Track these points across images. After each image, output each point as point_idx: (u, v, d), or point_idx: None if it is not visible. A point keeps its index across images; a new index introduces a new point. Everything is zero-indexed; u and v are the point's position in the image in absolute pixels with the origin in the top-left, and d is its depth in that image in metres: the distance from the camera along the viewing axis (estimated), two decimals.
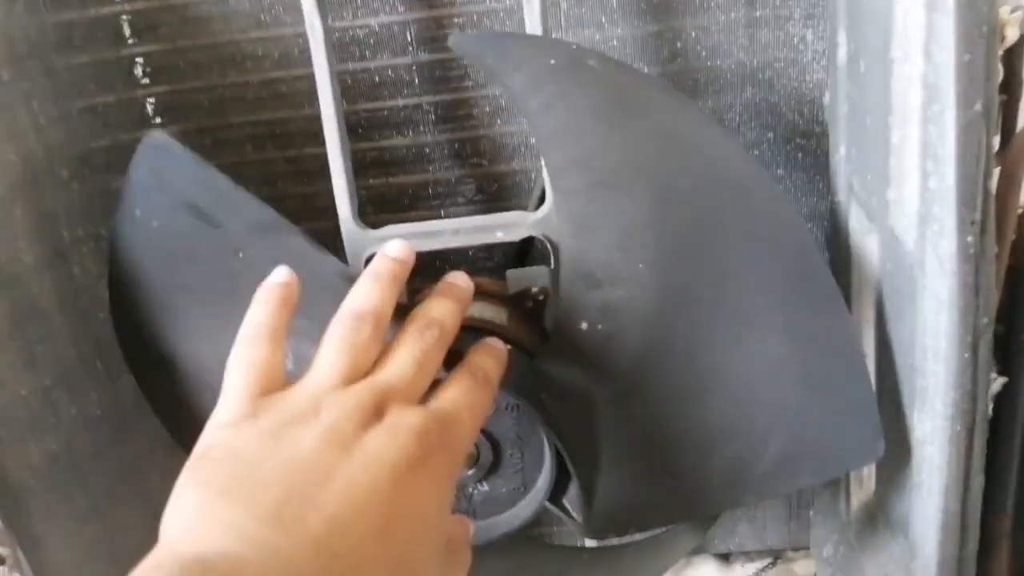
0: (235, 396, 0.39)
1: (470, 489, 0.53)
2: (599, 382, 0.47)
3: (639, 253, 0.45)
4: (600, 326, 0.46)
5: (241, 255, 0.50)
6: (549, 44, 0.51)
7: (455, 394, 0.41)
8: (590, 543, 0.70)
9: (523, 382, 0.48)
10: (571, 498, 0.52)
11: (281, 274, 0.44)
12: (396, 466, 0.36)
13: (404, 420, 0.38)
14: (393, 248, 0.46)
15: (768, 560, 0.83)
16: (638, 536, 0.58)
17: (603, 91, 0.47)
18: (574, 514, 0.51)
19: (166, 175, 0.52)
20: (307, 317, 0.47)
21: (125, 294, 0.55)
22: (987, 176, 0.38)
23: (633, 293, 0.45)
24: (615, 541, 0.68)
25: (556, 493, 0.52)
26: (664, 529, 0.60)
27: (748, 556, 0.84)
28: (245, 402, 0.38)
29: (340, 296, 0.45)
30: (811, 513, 0.72)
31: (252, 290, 0.46)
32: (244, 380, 0.40)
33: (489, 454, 0.52)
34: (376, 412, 0.38)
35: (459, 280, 0.47)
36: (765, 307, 0.45)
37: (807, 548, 0.78)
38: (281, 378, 0.40)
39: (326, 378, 0.39)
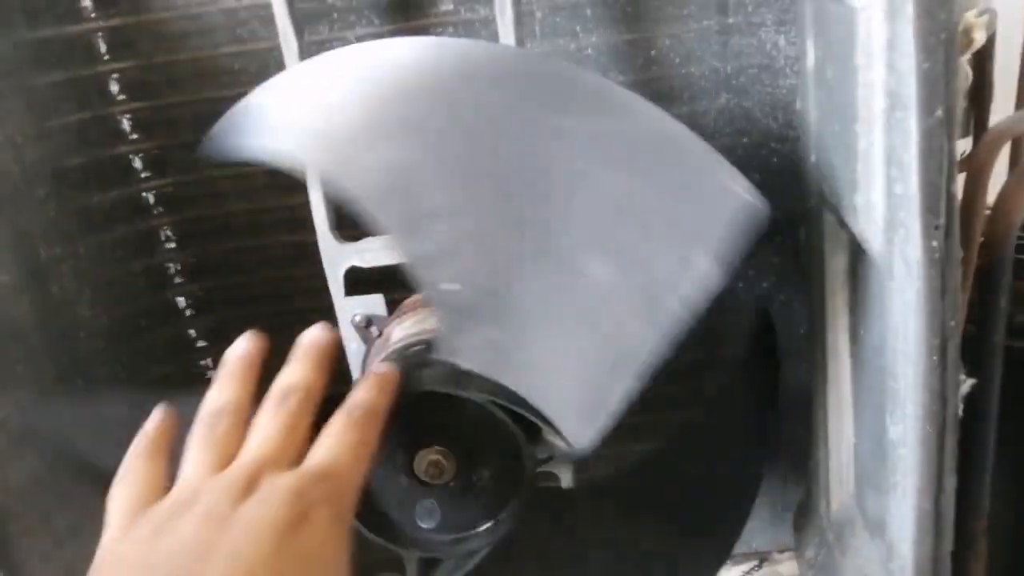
0: (117, 513, 0.40)
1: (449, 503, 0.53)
2: (491, 319, 0.45)
3: (444, 185, 0.44)
4: (457, 279, 0.45)
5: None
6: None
7: (330, 441, 0.41)
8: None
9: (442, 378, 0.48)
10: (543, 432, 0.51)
11: (155, 416, 0.45)
12: (275, 529, 0.36)
13: (276, 484, 0.38)
14: (236, 347, 0.46)
15: (754, 563, 0.84)
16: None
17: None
18: (558, 443, 0.50)
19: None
20: None
21: None
22: (950, 181, 0.38)
23: (462, 228, 0.44)
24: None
25: (534, 437, 0.51)
26: None
27: (734, 559, 0.84)
28: (127, 516, 0.39)
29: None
30: (793, 515, 0.72)
31: None
32: (123, 495, 0.40)
33: (454, 465, 0.51)
34: (249, 486, 0.38)
35: (315, 336, 0.46)
36: (586, 156, 0.43)
37: (793, 549, 0.78)
38: (160, 489, 0.41)
39: (195, 473, 0.40)
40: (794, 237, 0.65)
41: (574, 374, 0.46)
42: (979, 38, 0.54)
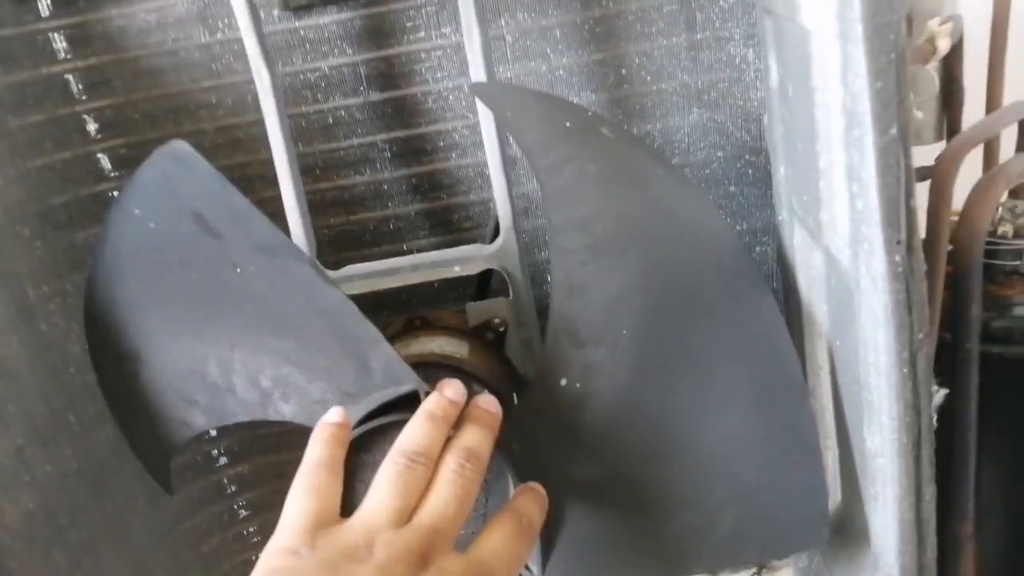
0: (295, 523, 0.41)
1: None
2: (570, 438, 0.48)
3: (624, 318, 0.47)
4: (579, 384, 0.48)
5: (239, 270, 0.51)
6: (566, 107, 0.53)
7: (497, 544, 0.43)
8: None
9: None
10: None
11: (334, 415, 0.47)
12: None
13: (447, 568, 0.40)
14: (450, 389, 0.48)
15: (752, 571, 0.83)
16: None
17: (610, 159, 0.49)
18: (532, 568, 0.52)
19: (176, 183, 0.53)
20: (295, 340, 0.49)
21: (103, 284, 0.56)
22: (909, 196, 0.38)
23: (614, 356, 0.47)
24: None
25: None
26: None
27: (733, 568, 0.84)
28: (305, 531, 0.40)
29: (334, 325, 0.47)
30: None
31: (242, 304, 0.49)
32: (304, 506, 0.42)
33: None
34: (423, 557, 0.40)
35: (491, 407, 0.48)
36: (735, 385, 0.47)
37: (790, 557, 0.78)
38: (336, 509, 0.43)
39: (378, 516, 0.41)
40: (772, 246, 0.66)
41: (594, 539, 0.51)
42: (943, 46, 0.55)
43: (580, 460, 0.48)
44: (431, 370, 0.56)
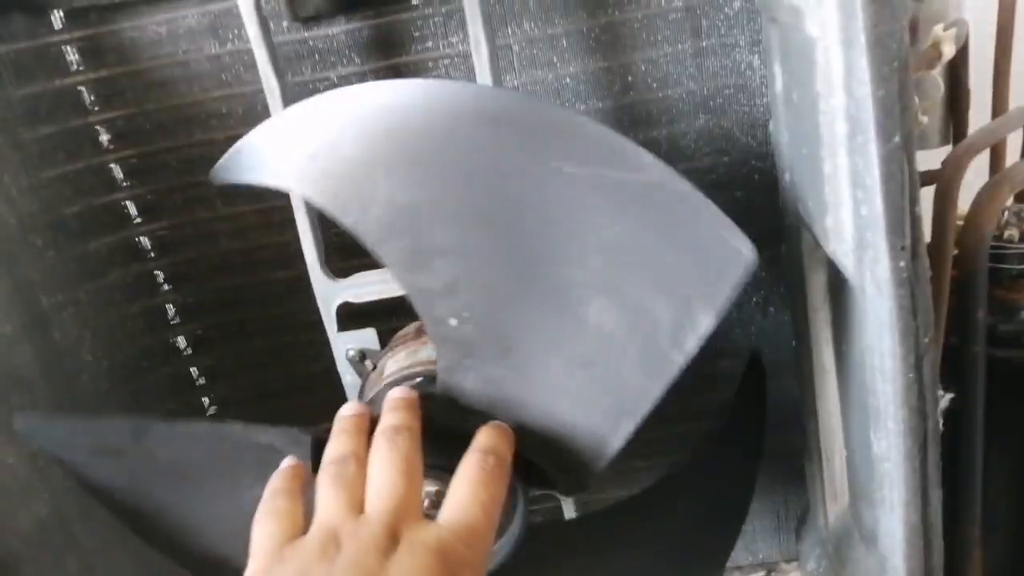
0: (261, 547, 0.41)
1: None
2: (493, 359, 0.47)
3: (447, 226, 0.45)
4: (465, 312, 0.46)
5: (161, 459, 0.53)
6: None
7: (465, 495, 0.42)
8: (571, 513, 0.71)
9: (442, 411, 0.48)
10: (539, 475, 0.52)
11: (287, 461, 0.47)
12: None
13: (420, 539, 0.39)
14: (345, 410, 0.48)
15: (761, 573, 0.84)
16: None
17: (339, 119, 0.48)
18: (550, 487, 0.51)
19: (61, 442, 0.55)
20: (228, 479, 0.51)
21: (146, 530, 0.57)
22: (913, 203, 0.39)
23: (466, 265, 0.45)
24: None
25: (530, 478, 0.52)
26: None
27: (741, 570, 0.84)
28: (272, 551, 0.40)
29: (216, 443, 0.51)
30: (796, 526, 0.72)
31: (189, 475, 0.51)
32: (268, 530, 0.42)
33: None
34: (391, 537, 0.39)
35: (402, 393, 0.48)
36: (583, 206, 0.44)
37: (798, 560, 0.79)
38: (301, 525, 0.42)
39: (333, 511, 0.41)
40: (779, 251, 0.66)
41: (574, 417, 0.47)
42: (948, 51, 0.55)
43: (509, 371, 0.47)
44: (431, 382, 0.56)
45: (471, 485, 0.42)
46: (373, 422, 0.46)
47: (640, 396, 0.45)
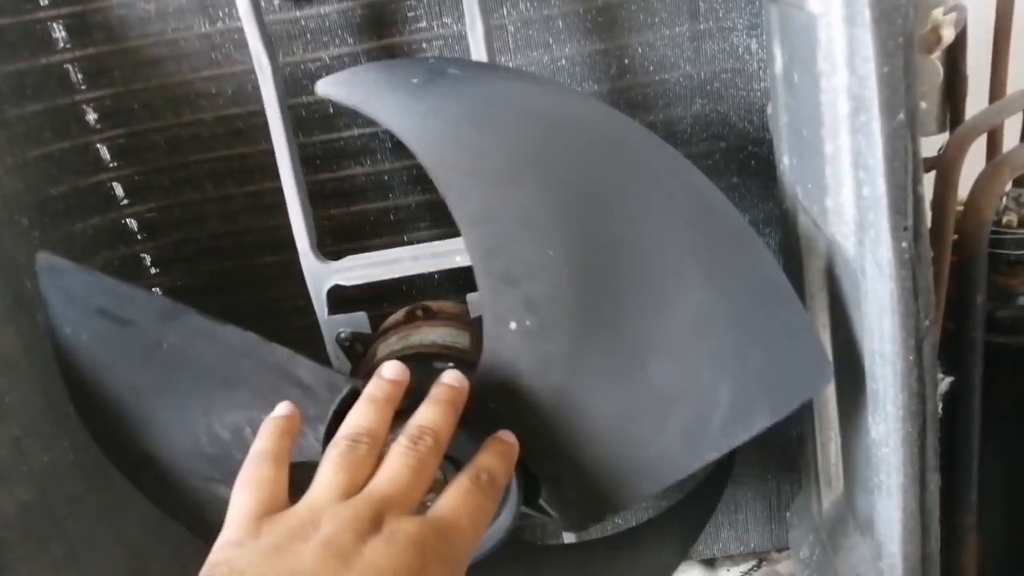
0: (239, 515, 0.40)
1: None
2: (540, 377, 0.46)
3: (545, 240, 0.45)
4: (528, 322, 0.46)
5: (165, 346, 0.51)
6: (407, 65, 0.51)
7: (455, 500, 0.42)
8: (570, 538, 0.70)
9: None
10: (545, 497, 0.52)
11: (282, 408, 0.46)
12: (395, 574, 0.37)
13: (402, 529, 0.38)
14: (388, 370, 0.47)
15: (752, 563, 0.84)
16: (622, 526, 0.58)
17: (472, 95, 0.47)
18: (551, 512, 0.51)
19: (70, 291, 0.53)
20: (244, 387, 0.50)
21: (88, 407, 0.56)
22: (917, 183, 0.38)
23: (551, 280, 0.45)
24: (597, 533, 0.69)
25: (530, 496, 0.52)
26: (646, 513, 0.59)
27: (733, 560, 0.84)
28: (249, 521, 0.39)
29: (256, 361, 0.48)
30: (788, 515, 0.72)
31: (186, 374, 0.49)
32: (247, 499, 0.41)
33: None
34: (374, 523, 0.38)
35: (453, 381, 0.46)
36: (680, 262, 0.45)
37: (790, 548, 0.78)
38: (284, 498, 0.41)
39: (324, 494, 0.40)
40: (776, 237, 0.66)
41: (599, 461, 0.47)
42: (948, 35, 0.55)
43: (557, 394, 0.47)
44: (431, 361, 0.56)
45: (463, 492, 0.42)
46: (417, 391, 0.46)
47: (671, 466, 0.46)
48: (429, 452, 0.42)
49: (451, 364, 0.52)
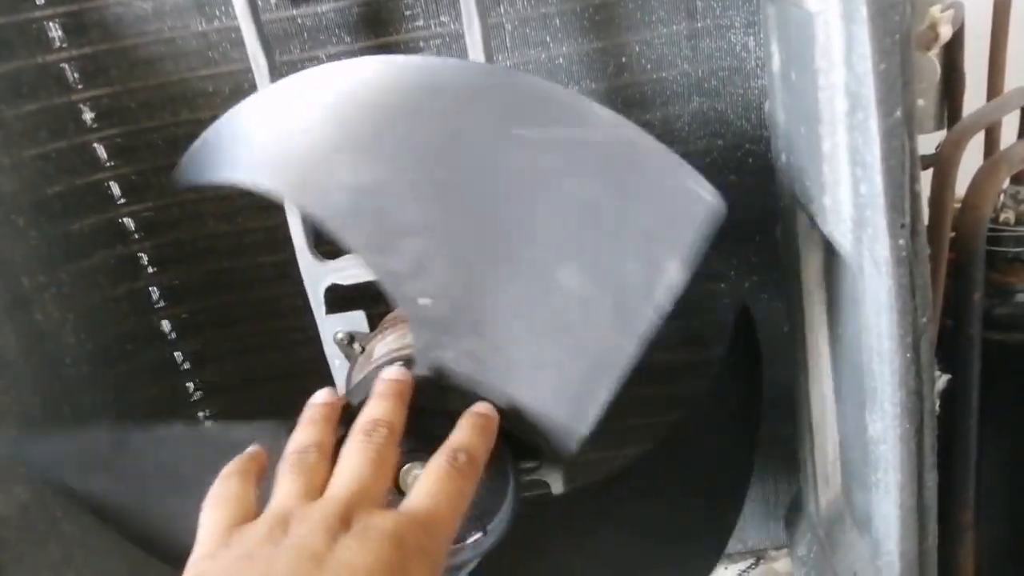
0: (209, 530, 0.40)
1: None
2: (463, 328, 0.46)
3: (412, 205, 0.45)
4: (430, 286, 0.45)
5: (143, 465, 0.53)
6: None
7: (431, 486, 0.41)
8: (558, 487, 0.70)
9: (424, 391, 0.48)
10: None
11: (250, 449, 0.45)
12: (371, 572, 0.36)
13: (374, 523, 0.38)
14: (319, 396, 0.46)
15: (750, 561, 0.84)
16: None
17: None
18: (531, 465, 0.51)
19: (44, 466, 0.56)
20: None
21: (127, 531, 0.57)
22: (914, 180, 0.38)
23: (431, 244, 0.45)
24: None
25: (519, 452, 0.51)
26: None
27: (730, 558, 0.84)
28: (218, 535, 0.39)
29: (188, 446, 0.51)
30: (785, 513, 0.72)
31: (175, 479, 0.50)
32: (216, 514, 0.40)
33: None
34: (343, 520, 0.38)
35: (395, 375, 0.46)
36: (537, 167, 0.44)
37: (788, 546, 0.78)
38: (252, 511, 0.41)
39: (287, 499, 0.40)
40: (773, 236, 0.66)
41: (553, 383, 0.46)
42: (945, 32, 0.55)
43: (479, 343, 0.46)
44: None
45: (438, 478, 0.41)
46: (348, 411, 0.45)
47: (616, 355, 0.44)
48: (386, 442, 0.42)
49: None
